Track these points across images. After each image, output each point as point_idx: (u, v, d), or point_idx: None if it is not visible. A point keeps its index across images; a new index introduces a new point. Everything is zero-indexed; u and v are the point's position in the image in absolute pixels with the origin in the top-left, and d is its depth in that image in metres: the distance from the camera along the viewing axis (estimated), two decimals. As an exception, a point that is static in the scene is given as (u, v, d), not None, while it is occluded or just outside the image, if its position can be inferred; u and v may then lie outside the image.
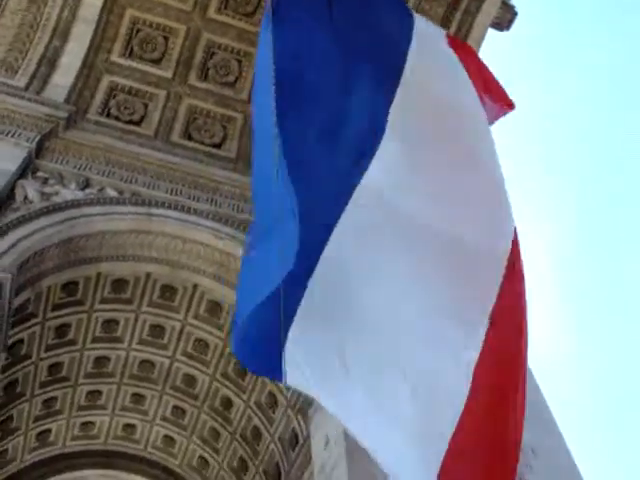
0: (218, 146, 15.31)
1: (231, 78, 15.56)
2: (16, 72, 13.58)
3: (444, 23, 14.97)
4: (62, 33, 13.96)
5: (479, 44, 15.51)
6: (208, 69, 15.47)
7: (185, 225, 13.20)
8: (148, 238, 12.99)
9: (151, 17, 14.88)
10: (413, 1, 14.76)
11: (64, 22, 13.99)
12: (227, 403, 15.56)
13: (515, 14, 15.96)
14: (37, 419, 15.88)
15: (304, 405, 12.35)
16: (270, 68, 4.91)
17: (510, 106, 5.43)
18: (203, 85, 15.41)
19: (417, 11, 13.68)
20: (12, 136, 12.52)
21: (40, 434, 16.36)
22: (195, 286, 14.04)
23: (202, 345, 15.17)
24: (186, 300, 14.46)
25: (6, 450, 15.85)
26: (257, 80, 5.55)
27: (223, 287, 13.52)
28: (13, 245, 11.09)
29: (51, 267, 12.16)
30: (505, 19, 15.86)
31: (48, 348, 14.35)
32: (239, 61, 15.55)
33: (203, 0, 14.98)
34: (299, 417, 12.83)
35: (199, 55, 15.29)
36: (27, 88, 13.42)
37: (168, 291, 14.36)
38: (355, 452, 9.80)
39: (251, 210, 13.70)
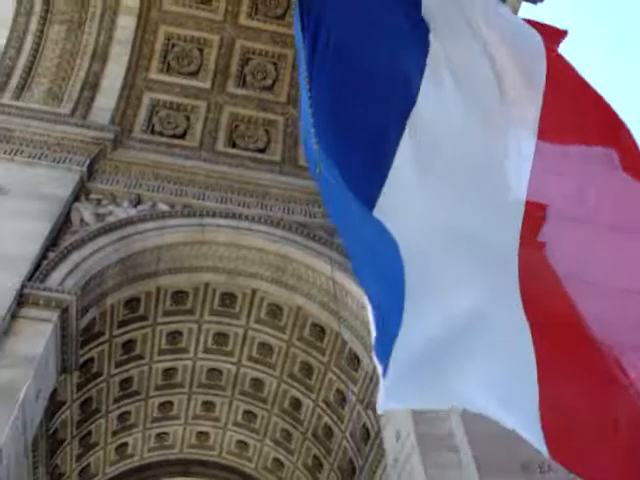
0: (263, 150, 15.43)
1: (269, 82, 15.66)
2: (61, 100, 13.95)
3: None
4: (100, 57, 14.30)
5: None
6: (245, 75, 15.61)
7: (238, 232, 13.32)
8: (203, 248, 13.17)
9: (184, 31, 15.10)
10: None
11: (101, 46, 14.32)
12: (296, 404, 15.69)
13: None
14: (114, 433, 16.28)
15: (373, 400, 12.35)
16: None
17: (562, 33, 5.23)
18: (242, 92, 15.55)
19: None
20: (63, 162, 12.84)
21: (119, 447, 16.77)
22: (254, 291, 14.18)
23: (266, 348, 15.32)
24: (246, 305, 14.61)
25: (88, 464, 16.29)
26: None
27: (281, 289, 13.64)
28: (75, 267, 11.37)
29: (112, 285, 12.45)
30: (538, -9, 15.56)
31: (117, 364, 14.70)
32: (275, 64, 15.64)
33: (233, 8, 15.13)
34: (369, 412, 12.86)
35: (235, 63, 15.44)
36: (73, 114, 13.76)
37: (228, 298, 14.53)
38: (427, 443, 9.80)
39: (301, 210, 13.79)
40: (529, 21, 5.20)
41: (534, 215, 4.69)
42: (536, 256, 4.66)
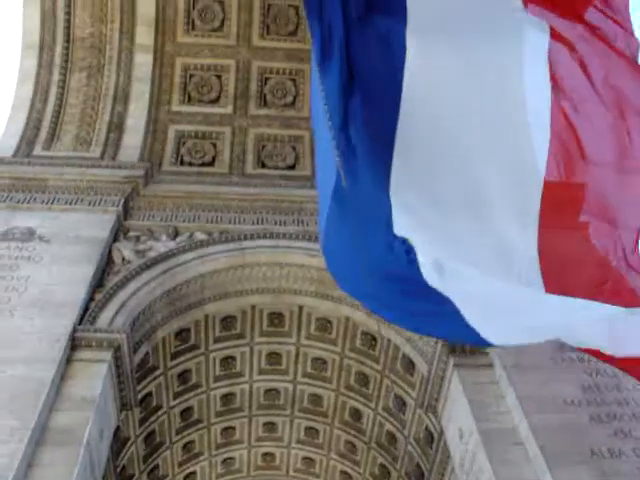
0: (292, 167, 15.54)
1: (289, 99, 15.78)
2: (90, 144, 14.29)
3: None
4: (122, 97, 14.63)
5: None
6: (265, 95, 15.75)
7: (277, 251, 13.41)
8: (245, 271, 13.27)
9: (200, 60, 15.34)
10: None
11: (122, 86, 14.65)
12: (356, 414, 15.63)
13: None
14: (181, 464, 16.40)
15: (432, 401, 12.25)
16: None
17: None
18: (264, 112, 15.70)
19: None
20: (99, 204, 13.13)
21: (187, 477, 16.88)
22: (300, 307, 14.22)
23: (320, 363, 15.32)
24: (295, 322, 14.65)
25: (158, 498, 16.45)
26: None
27: (326, 302, 13.65)
28: (122, 306, 11.56)
29: (161, 319, 12.62)
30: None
31: (176, 395, 14.83)
32: (293, 80, 15.77)
33: (245, 31, 15.33)
34: (429, 414, 12.74)
35: (254, 84, 15.60)
36: (102, 156, 14.09)
37: (276, 318, 14.59)
38: (491, 439, 9.67)
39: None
40: None
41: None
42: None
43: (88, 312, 11.09)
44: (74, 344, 10.33)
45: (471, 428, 10.07)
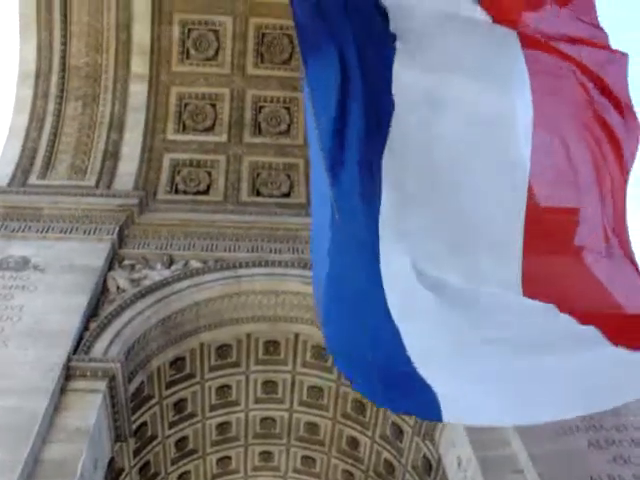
0: (287, 195, 15.57)
1: (284, 127, 15.86)
2: (85, 173, 14.32)
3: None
4: (117, 126, 14.69)
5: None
6: (260, 123, 15.84)
7: (273, 279, 13.40)
8: (240, 299, 13.24)
9: (195, 89, 15.44)
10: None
11: (117, 115, 14.71)
12: (354, 442, 15.50)
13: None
14: (176, 495, 16.22)
15: (429, 429, 12.15)
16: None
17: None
18: (259, 140, 15.77)
19: None
20: (94, 233, 13.10)
21: (182, 509, 16.68)
22: (296, 335, 14.16)
23: (316, 391, 15.21)
24: (290, 351, 14.58)
25: (153, 531, 16.21)
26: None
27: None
28: (116, 335, 11.49)
29: (156, 348, 12.54)
30: None
31: (171, 425, 14.69)
32: (287, 108, 15.87)
33: (239, 60, 15.45)
34: (427, 442, 12.63)
35: (248, 113, 15.69)
36: (97, 185, 14.11)
37: (271, 346, 14.52)
38: (489, 467, 9.59)
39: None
40: None
41: None
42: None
43: (82, 341, 11.02)
44: (68, 374, 10.23)
45: (469, 456, 9.98)
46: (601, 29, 5.54)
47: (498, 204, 5.20)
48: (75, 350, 10.74)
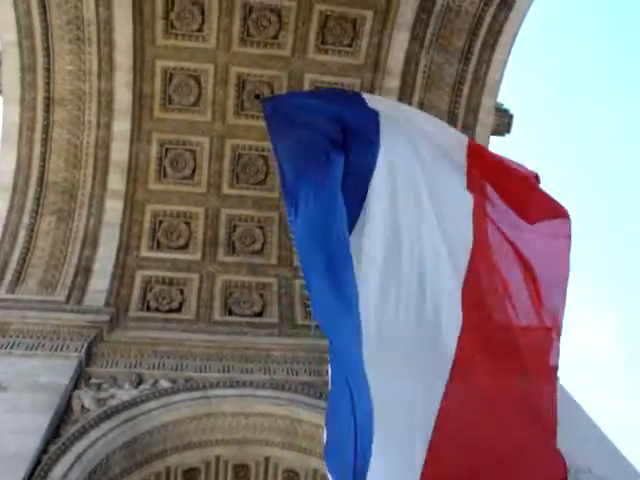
0: (260, 314, 15.47)
1: (257, 246, 15.97)
2: (55, 287, 14.12)
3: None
4: (91, 241, 14.64)
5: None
6: (234, 242, 15.93)
7: (243, 400, 13.09)
8: (210, 421, 12.85)
9: (170, 207, 15.59)
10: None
11: (91, 230, 14.70)
12: None
13: (511, 117, 16.38)
14: None
15: None
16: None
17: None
18: (232, 259, 15.80)
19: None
20: (61, 350, 12.78)
21: None
22: (267, 458, 13.67)
23: (287, 518, 14.52)
24: (261, 474, 14.00)
25: None
26: None
27: (294, 453, 13.20)
28: (77, 459, 10.95)
29: (119, 472, 11.94)
30: (503, 124, 16.28)
31: None
32: (261, 228, 16.04)
33: (215, 180, 15.73)
34: None
35: (222, 231, 15.80)
36: (68, 300, 13.89)
37: (241, 470, 13.96)
38: None
39: (306, 370, 13.67)
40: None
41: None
42: None
43: (40, 465, 10.44)
44: (22, 503, 9.63)
45: None
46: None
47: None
48: (31, 475, 10.16)
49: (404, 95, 15.48)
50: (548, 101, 41.34)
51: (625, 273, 41.18)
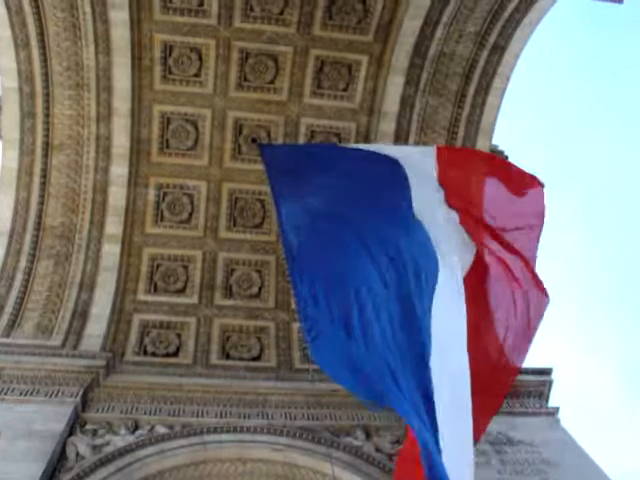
0: (257, 358, 15.33)
1: (255, 290, 15.90)
2: (51, 332, 14.01)
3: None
4: (88, 285, 14.56)
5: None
6: (231, 286, 15.84)
7: (241, 445, 12.88)
8: (207, 468, 12.61)
9: (168, 250, 15.56)
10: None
11: (89, 275, 14.63)
12: None
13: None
14: None
15: None
16: None
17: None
18: (230, 302, 15.71)
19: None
20: (56, 395, 12.61)
21: None
22: (264, 506, 13.39)
23: None
24: (258, 523, 13.70)
25: None
26: None
27: (293, 500, 12.91)
28: (71, 509, 10.73)
29: (114, 522, 11.66)
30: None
31: None
32: (259, 271, 15.98)
33: (212, 223, 15.72)
34: None
35: (220, 275, 15.73)
36: (64, 345, 13.76)
37: (238, 519, 13.65)
38: None
39: (303, 415, 13.48)
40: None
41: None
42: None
43: (31, 518, 10.23)
44: None
45: None
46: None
47: None
48: (24, 525, 9.94)
49: (399, 138, 15.61)
50: (537, 137, 41.83)
51: (625, 308, 41.30)
